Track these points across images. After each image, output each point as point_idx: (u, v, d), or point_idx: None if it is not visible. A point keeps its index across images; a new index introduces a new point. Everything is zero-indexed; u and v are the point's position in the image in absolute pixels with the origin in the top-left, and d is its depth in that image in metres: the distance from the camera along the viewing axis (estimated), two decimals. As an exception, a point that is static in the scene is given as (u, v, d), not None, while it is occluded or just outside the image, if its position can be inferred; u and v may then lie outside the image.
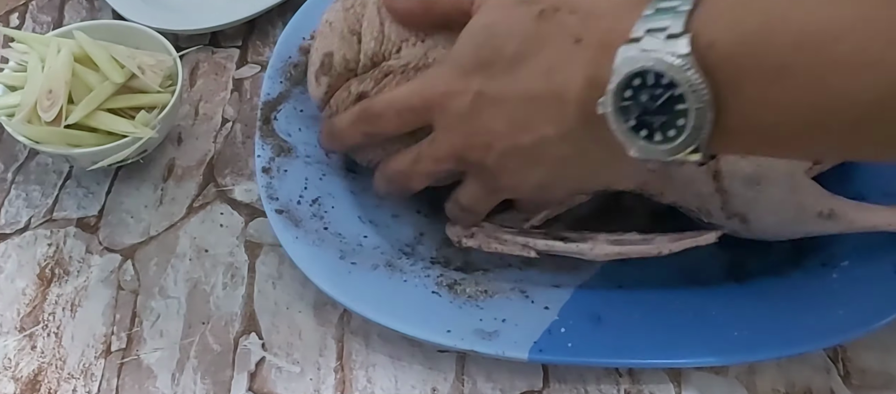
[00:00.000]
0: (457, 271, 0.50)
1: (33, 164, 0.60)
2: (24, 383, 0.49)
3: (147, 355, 0.50)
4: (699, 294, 0.49)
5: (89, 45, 0.56)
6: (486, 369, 0.49)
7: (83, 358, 0.50)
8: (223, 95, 0.64)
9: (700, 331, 0.47)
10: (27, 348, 0.50)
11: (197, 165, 0.59)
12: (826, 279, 0.48)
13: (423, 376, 0.49)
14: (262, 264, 0.54)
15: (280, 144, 0.55)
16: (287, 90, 0.58)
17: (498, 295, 0.48)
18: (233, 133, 0.61)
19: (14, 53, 0.57)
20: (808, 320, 0.47)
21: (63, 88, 0.54)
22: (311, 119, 0.57)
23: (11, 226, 0.56)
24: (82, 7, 0.70)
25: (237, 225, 0.56)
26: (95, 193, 0.58)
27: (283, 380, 0.49)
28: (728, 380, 0.49)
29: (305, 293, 0.52)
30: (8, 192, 0.58)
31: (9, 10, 0.70)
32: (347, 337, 0.51)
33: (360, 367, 0.49)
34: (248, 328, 0.51)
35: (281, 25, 0.68)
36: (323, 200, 0.53)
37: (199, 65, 0.66)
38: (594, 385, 0.49)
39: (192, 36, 0.66)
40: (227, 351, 0.50)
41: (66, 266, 0.54)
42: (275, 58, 0.59)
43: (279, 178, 0.53)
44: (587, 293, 0.49)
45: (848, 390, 0.48)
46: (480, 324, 0.47)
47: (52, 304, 0.52)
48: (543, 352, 0.46)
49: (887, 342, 0.50)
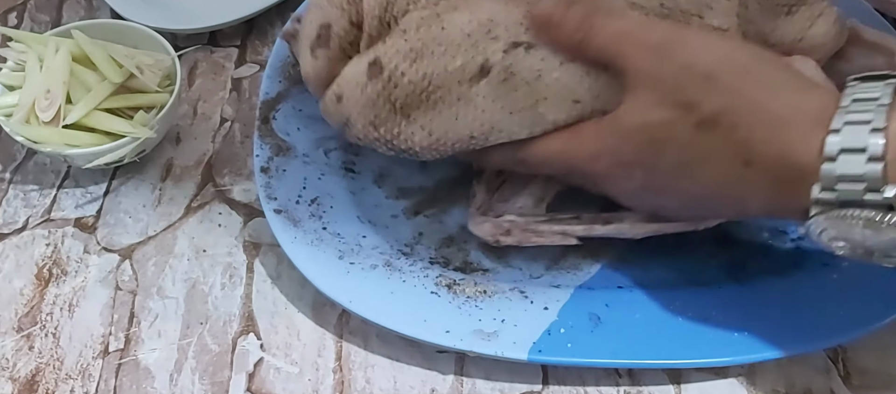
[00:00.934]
0: (456, 272, 0.50)
1: (31, 164, 0.59)
2: (21, 384, 0.48)
3: (145, 356, 0.50)
4: (699, 294, 0.49)
5: (88, 45, 0.56)
6: (485, 369, 0.49)
7: (81, 358, 0.50)
8: (222, 95, 0.64)
9: (700, 331, 0.46)
10: (25, 348, 0.50)
11: (195, 164, 0.59)
12: (826, 280, 0.48)
13: (421, 376, 0.49)
14: (260, 264, 0.54)
15: (279, 143, 0.55)
16: (286, 90, 0.58)
17: (497, 295, 0.48)
18: (231, 133, 0.61)
19: (12, 53, 0.57)
20: (809, 320, 0.47)
21: (61, 88, 0.54)
22: (310, 119, 0.57)
23: (9, 226, 0.56)
24: (80, 6, 0.70)
25: (235, 225, 0.56)
26: (93, 193, 0.58)
27: (282, 380, 0.49)
28: (728, 381, 0.49)
29: (304, 293, 0.52)
30: (6, 192, 0.58)
31: (7, 10, 0.70)
32: (346, 337, 0.51)
33: (359, 367, 0.49)
34: (247, 329, 0.51)
35: (280, 24, 0.68)
36: (322, 199, 0.53)
37: (198, 64, 0.66)
38: (594, 386, 0.49)
39: (190, 35, 0.66)
40: (226, 351, 0.50)
41: (63, 266, 0.54)
42: (274, 57, 0.59)
43: (278, 177, 0.53)
44: (587, 293, 0.49)
45: (848, 391, 0.48)
46: (480, 324, 0.47)
47: (49, 304, 0.52)
48: (543, 352, 0.46)
49: (887, 343, 0.50)
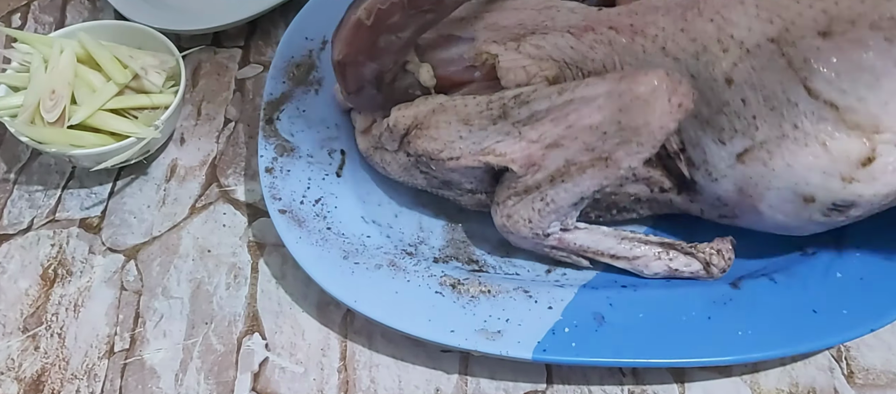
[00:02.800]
0: (460, 271, 0.50)
1: (36, 164, 0.60)
2: (27, 384, 0.49)
3: (150, 356, 0.50)
4: (702, 294, 0.49)
5: (92, 46, 0.56)
6: (489, 368, 0.49)
7: (86, 359, 0.50)
8: (226, 95, 0.64)
9: (704, 330, 0.46)
10: (30, 348, 0.50)
11: (199, 165, 0.59)
12: (830, 279, 0.48)
13: (426, 375, 0.49)
14: (265, 264, 0.54)
15: (283, 144, 0.55)
16: (290, 90, 0.58)
17: (501, 295, 0.48)
18: (235, 133, 0.61)
19: (17, 54, 0.57)
20: (812, 319, 0.47)
21: (66, 89, 0.54)
22: (314, 119, 0.57)
23: (14, 226, 0.56)
24: (84, 7, 0.70)
25: (240, 225, 0.56)
26: (98, 194, 0.58)
27: (287, 380, 0.49)
28: (732, 379, 0.49)
29: (309, 293, 0.52)
30: (11, 192, 0.58)
31: (11, 11, 0.70)
32: (351, 337, 0.51)
33: (364, 367, 0.49)
34: (252, 329, 0.51)
35: (283, 25, 0.68)
36: (326, 200, 0.53)
37: (202, 65, 0.66)
38: (598, 385, 0.49)
39: (194, 36, 0.67)
40: (231, 351, 0.50)
41: (69, 267, 0.54)
42: (277, 58, 0.59)
43: (282, 178, 0.53)
44: (591, 293, 0.49)
45: (852, 390, 0.48)
46: (484, 324, 0.47)
47: (55, 304, 0.52)
48: (547, 352, 0.46)
49: (891, 342, 0.50)
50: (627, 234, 0.50)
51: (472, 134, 0.48)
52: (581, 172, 0.46)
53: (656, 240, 0.50)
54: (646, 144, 0.44)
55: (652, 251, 0.50)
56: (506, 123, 0.47)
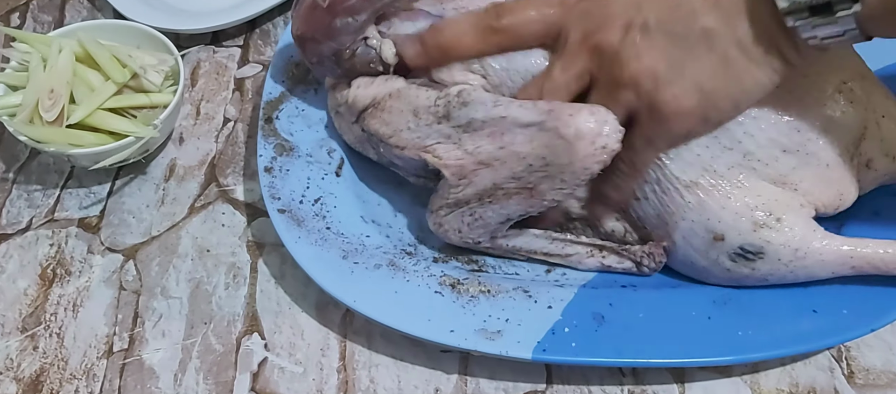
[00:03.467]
0: (459, 271, 0.50)
1: (35, 164, 0.60)
2: (25, 384, 0.49)
3: (149, 356, 0.50)
4: (703, 293, 0.49)
5: (91, 45, 0.56)
6: (489, 368, 0.49)
7: (85, 359, 0.50)
8: (224, 95, 0.64)
9: (704, 330, 0.46)
10: (29, 348, 0.50)
11: (198, 164, 0.59)
12: (830, 279, 0.48)
13: (426, 375, 0.49)
14: (264, 264, 0.54)
15: (282, 143, 0.55)
16: (289, 89, 0.58)
17: (501, 295, 0.48)
18: (234, 133, 0.61)
19: (15, 53, 0.57)
20: (812, 319, 0.47)
21: (65, 88, 0.54)
22: (313, 119, 0.57)
23: (13, 226, 0.56)
24: (83, 6, 0.70)
25: (239, 225, 0.56)
26: (97, 194, 0.58)
27: (286, 380, 0.49)
28: (732, 379, 0.49)
29: (308, 293, 0.52)
30: (9, 192, 0.58)
31: (9, 10, 0.70)
32: (350, 337, 0.51)
33: (363, 367, 0.49)
34: (251, 329, 0.51)
35: (282, 25, 0.68)
36: (325, 199, 0.53)
37: (201, 64, 0.66)
38: (598, 385, 0.49)
39: (193, 35, 0.66)
40: (230, 351, 0.50)
41: (67, 266, 0.54)
42: (276, 57, 0.59)
43: (281, 177, 0.53)
44: (590, 293, 0.49)
45: (852, 390, 0.48)
46: (484, 324, 0.47)
47: (53, 304, 0.52)
48: (547, 352, 0.46)
49: (891, 342, 0.50)
50: (558, 235, 0.51)
51: (418, 128, 0.48)
52: (507, 198, 0.47)
53: (587, 240, 0.51)
54: (569, 182, 0.45)
55: (584, 250, 0.51)
56: (447, 125, 0.47)
